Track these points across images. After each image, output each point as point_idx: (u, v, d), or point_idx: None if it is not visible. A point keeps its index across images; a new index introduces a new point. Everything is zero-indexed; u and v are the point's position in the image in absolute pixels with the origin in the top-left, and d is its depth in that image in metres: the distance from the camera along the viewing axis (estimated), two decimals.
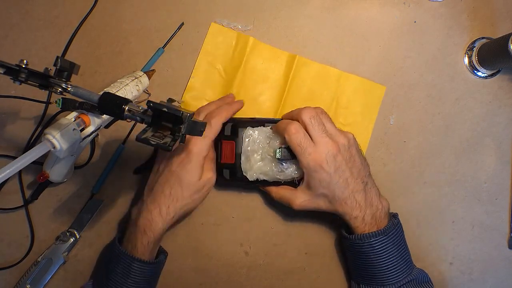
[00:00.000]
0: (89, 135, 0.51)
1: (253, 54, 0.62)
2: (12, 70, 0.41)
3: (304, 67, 0.62)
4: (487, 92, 0.63)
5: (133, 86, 0.55)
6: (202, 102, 0.61)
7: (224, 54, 0.62)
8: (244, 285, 0.61)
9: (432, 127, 0.62)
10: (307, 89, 0.62)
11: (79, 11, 0.62)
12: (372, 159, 0.62)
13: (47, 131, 0.47)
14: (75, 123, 0.48)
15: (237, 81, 0.61)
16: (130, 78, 0.55)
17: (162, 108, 0.41)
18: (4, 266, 0.59)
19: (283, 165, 0.55)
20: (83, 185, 0.60)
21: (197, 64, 0.62)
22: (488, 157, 0.62)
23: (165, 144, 0.41)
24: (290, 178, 0.55)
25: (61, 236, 0.58)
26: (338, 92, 0.62)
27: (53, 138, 0.46)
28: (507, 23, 0.63)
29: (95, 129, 0.51)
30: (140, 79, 0.57)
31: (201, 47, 0.62)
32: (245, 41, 0.62)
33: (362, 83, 0.62)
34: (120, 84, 0.54)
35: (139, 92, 0.56)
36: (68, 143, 0.47)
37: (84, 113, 0.50)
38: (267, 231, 0.61)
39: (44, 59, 0.61)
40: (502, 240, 0.62)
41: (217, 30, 0.62)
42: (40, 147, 0.46)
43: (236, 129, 0.56)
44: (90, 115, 0.50)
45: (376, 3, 0.63)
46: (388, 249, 0.52)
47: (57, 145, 0.47)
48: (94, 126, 0.51)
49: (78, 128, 0.49)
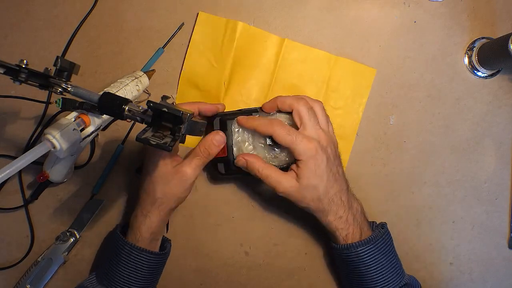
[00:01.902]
0: (89, 135, 0.51)
1: (242, 40, 0.61)
2: (12, 70, 0.41)
3: (293, 50, 0.61)
4: (487, 92, 0.63)
5: (133, 86, 0.55)
6: (195, 93, 0.61)
7: (214, 42, 0.61)
8: (244, 285, 0.61)
9: (432, 127, 0.62)
10: (297, 72, 0.61)
11: (79, 11, 0.62)
12: (372, 159, 0.62)
13: (47, 131, 0.47)
14: (75, 123, 0.49)
15: (228, 69, 0.61)
16: (130, 78, 0.55)
17: (162, 108, 0.41)
18: (4, 266, 0.59)
19: (276, 150, 0.55)
20: (83, 185, 0.60)
21: (187, 55, 0.61)
22: (488, 157, 0.62)
23: (165, 144, 0.41)
24: (284, 163, 0.55)
25: (61, 236, 0.58)
26: (328, 75, 0.62)
27: (53, 138, 0.46)
28: (507, 23, 0.63)
29: (95, 129, 0.52)
30: (140, 79, 0.57)
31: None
32: (233, 27, 0.61)
33: (352, 65, 0.62)
34: (120, 84, 0.54)
35: (139, 92, 0.56)
36: (68, 143, 0.47)
37: (84, 113, 0.50)
38: (267, 231, 0.61)
39: (44, 59, 0.61)
40: (502, 240, 0.62)
41: (205, 18, 0.61)
42: (40, 147, 0.46)
43: (224, 122, 0.56)
44: (90, 115, 0.50)
45: (376, 3, 0.63)
46: (377, 259, 0.51)
47: (57, 145, 0.47)
48: (94, 126, 0.51)
49: (78, 128, 0.49)
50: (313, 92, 0.61)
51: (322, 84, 0.62)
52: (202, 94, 0.62)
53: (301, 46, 0.62)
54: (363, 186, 0.61)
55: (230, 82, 0.61)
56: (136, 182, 0.61)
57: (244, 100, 0.61)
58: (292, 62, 0.62)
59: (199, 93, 0.61)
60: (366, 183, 0.62)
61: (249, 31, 0.61)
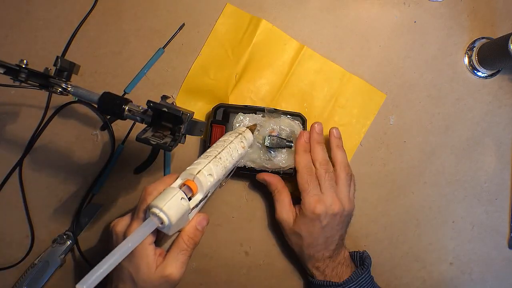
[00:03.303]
0: (197, 204, 0.44)
1: (262, 37, 0.62)
2: (12, 70, 0.41)
3: (310, 59, 0.62)
4: (487, 92, 0.63)
5: (237, 143, 0.51)
6: (205, 80, 0.61)
7: (235, 35, 0.62)
8: (244, 285, 0.61)
9: (432, 127, 0.62)
10: (309, 81, 0.62)
11: (79, 11, 0.62)
12: (372, 159, 0.62)
13: (152, 204, 0.39)
14: (181, 192, 0.41)
15: (243, 63, 0.61)
16: (233, 135, 0.52)
17: (162, 108, 0.41)
18: (4, 266, 0.59)
19: (271, 153, 0.55)
20: (83, 185, 0.60)
21: (206, 42, 0.62)
22: (488, 157, 0.62)
23: (165, 144, 0.41)
24: (277, 167, 0.56)
25: (57, 239, 0.58)
26: (339, 91, 0.62)
27: (160, 211, 0.38)
28: (507, 23, 0.63)
29: (204, 196, 0.44)
30: (244, 134, 0.53)
31: (201, 47, 0.62)
32: (256, 23, 0.62)
33: (364, 86, 0.62)
34: (224, 143, 0.49)
35: (244, 150, 0.52)
36: (177, 215, 0.40)
37: (189, 179, 0.43)
38: (267, 231, 0.61)
39: (44, 59, 0.61)
40: (502, 240, 0.62)
41: (231, 11, 0.62)
42: (146, 225, 0.39)
43: (227, 114, 0.57)
44: (196, 181, 0.43)
45: (376, 3, 0.63)
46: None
47: (165, 220, 0.39)
48: (203, 193, 0.44)
49: (186, 196, 0.42)
50: (321, 104, 0.62)
51: (331, 98, 0.62)
52: (212, 83, 0.61)
53: (319, 56, 0.62)
54: (363, 186, 0.61)
55: (242, 76, 0.61)
56: (136, 182, 0.61)
57: (252, 97, 0.61)
58: (306, 69, 0.62)
59: (209, 82, 0.61)
60: (366, 183, 0.62)
61: (270, 30, 0.62)
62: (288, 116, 0.57)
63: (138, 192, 0.61)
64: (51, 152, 0.60)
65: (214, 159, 0.45)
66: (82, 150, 0.61)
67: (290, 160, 0.56)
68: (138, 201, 0.44)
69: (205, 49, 0.62)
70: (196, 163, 0.44)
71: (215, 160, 0.45)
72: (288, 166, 0.56)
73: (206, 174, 0.43)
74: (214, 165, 0.44)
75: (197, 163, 0.44)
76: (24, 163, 0.60)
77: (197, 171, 0.42)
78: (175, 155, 0.61)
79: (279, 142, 0.55)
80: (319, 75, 0.62)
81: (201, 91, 0.61)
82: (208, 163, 0.44)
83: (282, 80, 0.62)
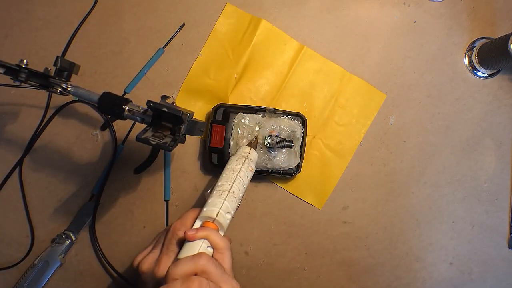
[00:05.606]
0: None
1: (262, 37, 0.62)
2: (12, 70, 0.41)
3: (310, 59, 0.62)
4: (487, 92, 0.63)
5: (246, 169, 0.50)
6: (205, 80, 0.61)
7: (235, 35, 0.62)
8: (244, 285, 0.61)
9: (432, 127, 0.62)
10: (309, 81, 0.62)
11: (79, 11, 0.62)
12: (372, 159, 0.62)
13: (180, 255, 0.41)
14: (206, 241, 0.42)
15: (243, 63, 0.61)
16: (240, 162, 0.50)
17: (162, 108, 0.41)
18: (4, 266, 0.59)
19: (271, 153, 0.55)
20: (83, 185, 0.60)
21: (207, 42, 0.62)
22: (488, 157, 0.62)
23: (165, 144, 0.41)
24: (277, 167, 0.56)
25: (57, 238, 0.58)
26: (339, 91, 0.62)
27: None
28: (507, 23, 0.63)
29: (224, 233, 0.45)
30: (249, 156, 0.52)
31: (201, 47, 0.62)
32: (256, 23, 0.62)
33: (364, 86, 0.62)
34: (233, 173, 0.48)
35: (252, 172, 0.52)
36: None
37: (209, 222, 0.44)
38: (267, 231, 0.61)
39: (44, 59, 0.61)
40: (502, 240, 0.62)
41: (231, 11, 0.62)
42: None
43: (227, 114, 0.57)
44: (216, 223, 0.44)
45: (376, 3, 0.63)
46: None
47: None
48: (223, 232, 0.45)
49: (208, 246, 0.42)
50: (321, 104, 0.62)
51: (331, 98, 0.62)
52: (212, 83, 0.62)
53: (319, 56, 0.62)
54: (363, 186, 0.61)
55: (242, 76, 0.61)
56: (136, 182, 0.61)
57: (252, 97, 0.61)
58: (306, 69, 0.62)
59: (209, 82, 0.61)
60: (366, 183, 0.62)
61: (270, 30, 0.62)
62: (288, 116, 0.57)
63: (138, 192, 0.61)
64: (51, 152, 0.60)
65: (229, 195, 0.45)
66: (82, 150, 0.61)
67: (290, 160, 0.56)
68: (164, 237, 0.45)
69: (205, 49, 0.62)
70: (212, 204, 0.44)
71: (230, 196, 0.45)
72: (288, 166, 0.56)
73: (224, 214, 0.44)
74: (229, 202, 0.45)
75: (213, 204, 0.44)
76: (24, 163, 0.60)
77: (216, 214, 0.43)
78: (175, 155, 0.61)
79: (279, 142, 0.55)
80: (319, 75, 0.62)
81: (201, 91, 0.61)
82: (223, 201, 0.44)
83: (282, 80, 0.62)
